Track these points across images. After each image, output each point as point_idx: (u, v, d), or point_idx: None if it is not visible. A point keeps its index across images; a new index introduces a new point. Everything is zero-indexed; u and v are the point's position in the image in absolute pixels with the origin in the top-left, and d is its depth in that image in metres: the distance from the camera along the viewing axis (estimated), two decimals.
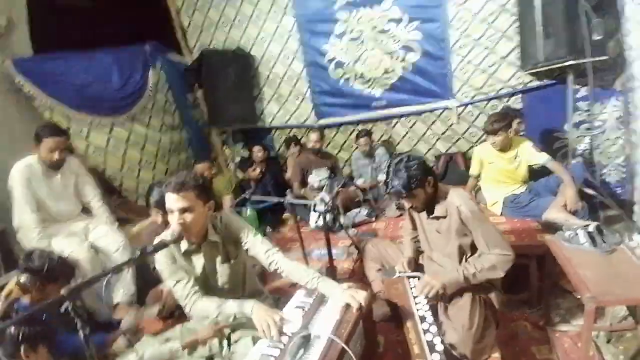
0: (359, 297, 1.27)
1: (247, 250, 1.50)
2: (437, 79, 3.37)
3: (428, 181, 1.54)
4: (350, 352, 1.08)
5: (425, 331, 1.28)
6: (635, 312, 1.63)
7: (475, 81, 3.28)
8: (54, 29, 3.06)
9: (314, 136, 3.35)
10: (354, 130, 3.90)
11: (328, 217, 2.45)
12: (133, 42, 3.55)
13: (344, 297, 1.28)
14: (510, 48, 3.10)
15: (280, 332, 1.20)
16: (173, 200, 1.34)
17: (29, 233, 1.98)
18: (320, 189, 3.24)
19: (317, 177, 3.34)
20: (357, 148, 3.66)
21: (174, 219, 1.35)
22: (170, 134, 3.88)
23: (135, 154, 3.40)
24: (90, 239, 2.14)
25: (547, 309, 1.98)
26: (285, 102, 4.04)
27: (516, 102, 3.27)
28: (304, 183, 3.42)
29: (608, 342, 1.82)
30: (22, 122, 2.79)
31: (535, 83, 3.16)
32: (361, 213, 2.94)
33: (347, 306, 1.26)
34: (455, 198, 1.54)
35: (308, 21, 3.65)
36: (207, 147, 4.39)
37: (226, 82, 3.81)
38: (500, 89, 3.25)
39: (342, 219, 2.83)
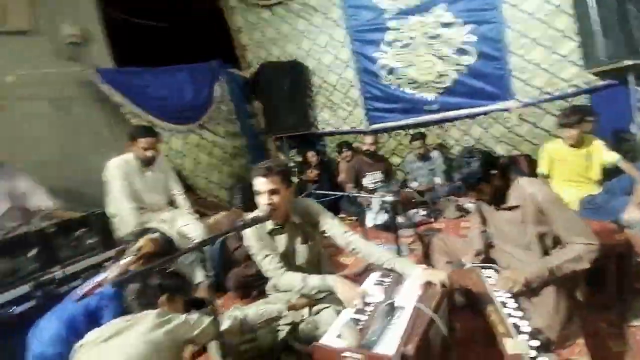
0: (441, 275, 1.32)
1: (325, 231, 1.61)
2: (494, 81, 3.35)
3: (494, 175, 1.55)
4: (439, 321, 1.13)
5: (509, 315, 1.29)
6: None
7: (537, 81, 3.21)
8: (129, 44, 3.51)
9: (368, 139, 3.45)
10: (405, 134, 3.95)
11: (387, 216, 2.52)
12: (200, 58, 3.95)
13: (424, 275, 1.33)
14: (571, 47, 3.02)
15: (364, 304, 1.28)
16: (262, 183, 1.49)
17: (126, 220, 2.26)
18: (374, 191, 3.31)
19: (371, 179, 3.41)
20: (410, 152, 3.70)
21: (263, 200, 1.50)
22: (232, 140, 4.20)
23: (205, 158, 3.75)
24: (177, 226, 2.39)
25: (624, 306, 1.86)
26: (338, 109, 4.21)
27: (582, 103, 3.14)
28: (357, 185, 3.51)
29: None
30: (108, 126, 3.23)
31: (600, 82, 3.03)
32: (419, 213, 2.95)
33: (428, 284, 1.31)
34: (529, 186, 1.54)
35: (358, 31, 3.83)
36: (263, 153, 4.66)
37: (281, 91, 4.08)
38: (563, 90, 3.14)
39: (399, 219, 2.86)
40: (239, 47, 4.50)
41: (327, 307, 1.46)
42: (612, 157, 2.35)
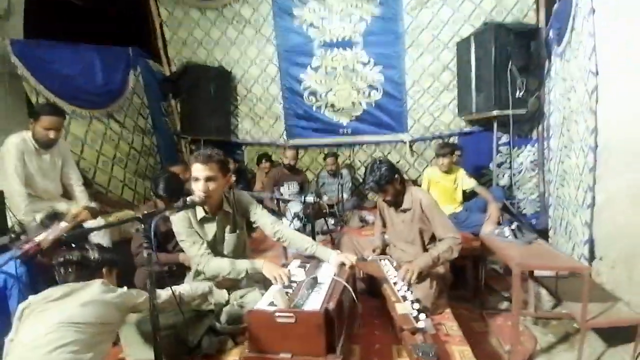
0: (351, 258, 1.62)
1: (254, 221, 1.76)
2: (394, 116, 4.05)
3: (396, 179, 1.98)
4: (349, 288, 1.41)
5: (399, 290, 1.65)
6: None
7: (424, 121, 4.02)
8: (45, 19, 3.13)
9: (290, 153, 3.72)
10: (320, 152, 4.36)
11: (300, 223, 2.81)
12: (116, 43, 3.70)
13: (339, 257, 1.61)
14: (450, 99, 3.91)
15: (290, 281, 1.48)
16: (200, 170, 1.58)
17: (16, 204, 1.97)
18: (288, 200, 3.55)
19: (288, 189, 3.66)
20: (323, 168, 4.10)
21: (199, 187, 1.58)
22: (142, 136, 3.94)
23: (110, 150, 3.42)
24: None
25: (479, 296, 2.50)
26: (260, 121, 4.40)
27: (454, 141, 4.05)
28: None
29: (535, 324, 2.36)
30: (6, 102, 2.76)
31: (468, 128, 3.97)
32: (329, 222, 3.29)
33: (342, 265, 1.59)
34: (418, 192, 2.03)
35: (288, 52, 4.16)
36: (175, 154, 4.47)
37: (205, 95, 4.06)
38: (442, 131, 4.00)
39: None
40: (160, 40, 4.33)
41: (252, 290, 1.61)
42: (471, 182, 3.14)
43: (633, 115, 2.05)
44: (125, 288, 1.28)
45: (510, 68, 3.32)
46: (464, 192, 3.31)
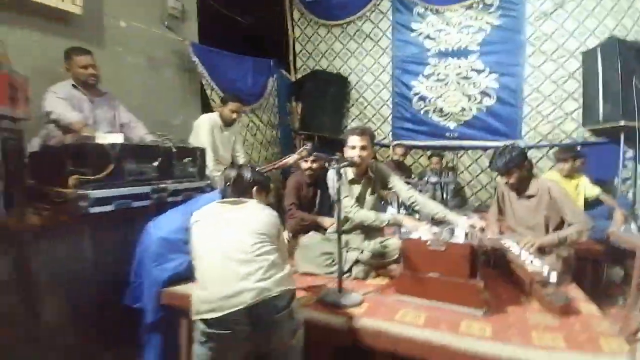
0: (481, 222, 1.86)
1: (392, 187, 2.13)
2: (507, 122, 4.08)
3: (525, 164, 2.15)
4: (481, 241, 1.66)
5: (524, 259, 1.82)
6: None
7: (542, 129, 3.95)
8: (210, 27, 4.10)
9: (399, 149, 4.06)
10: (423, 154, 4.59)
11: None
12: (258, 54, 4.56)
13: (469, 221, 1.87)
14: (574, 107, 3.79)
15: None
16: (357, 140, 2.02)
17: (207, 163, 2.71)
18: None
19: None
20: (425, 168, 4.32)
21: (354, 153, 2.02)
22: (271, 130, 4.73)
23: (250, 137, 4.23)
24: None
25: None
26: (368, 122, 4.83)
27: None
28: None
29: None
30: (183, 92, 3.74)
31: (593, 139, 3.77)
32: None
33: (472, 226, 1.84)
34: (546, 181, 2.16)
35: (402, 61, 4.55)
36: (291, 147, 5.17)
37: (323, 98, 4.69)
38: (562, 139, 3.88)
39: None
40: (292, 53, 5.15)
41: (391, 238, 1.96)
42: (595, 190, 3.04)
43: None
44: None
45: (635, 82, 3.15)
46: (585, 200, 3.18)
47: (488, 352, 1.22)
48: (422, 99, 4.49)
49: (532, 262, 1.75)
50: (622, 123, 3.23)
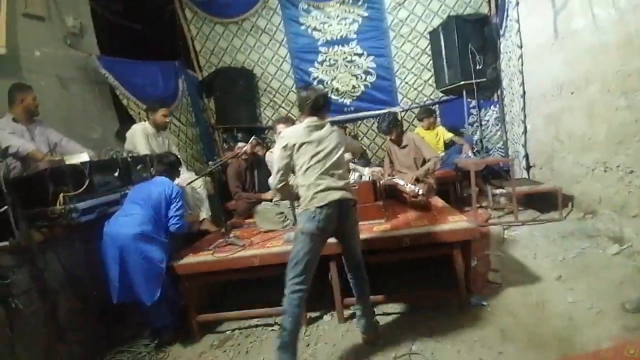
0: (379, 169, 2.81)
1: None
2: (387, 93, 5.25)
3: (399, 124, 3.18)
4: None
5: (407, 186, 2.85)
6: None
7: (411, 95, 5.22)
8: (107, 38, 4.23)
9: None
10: None
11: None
12: (159, 58, 4.78)
13: (371, 169, 2.80)
14: (429, 75, 5.12)
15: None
16: (284, 127, 2.74)
17: None
18: None
19: None
20: None
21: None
22: (191, 129, 5.07)
23: (174, 139, 4.53)
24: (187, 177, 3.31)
25: (458, 205, 3.73)
26: (279, 108, 5.54)
27: (435, 109, 5.24)
28: None
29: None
30: (97, 106, 3.89)
31: (445, 98, 5.19)
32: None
33: (373, 173, 2.78)
34: (410, 134, 3.25)
35: (298, 51, 5.32)
36: (211, 142, 5.59)
37: (233, 92, 5.20)
38: (425, 100, 5.21)
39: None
40: (193, 52, 5.44)
41: None
42: (448, 134, 4.38)
43: (541, 73, 3.29)
44: None
45: (470, 48, 4.53)
46: (444, 143, 4.53)
47: (390, 235, 2.16)
48: (321, 82, 5.36)
49: (409, 187, 2.78)
50: (462, 82, 4.61)
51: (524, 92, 3.39)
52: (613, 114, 2.76)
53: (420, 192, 2.61)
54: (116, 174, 2.54)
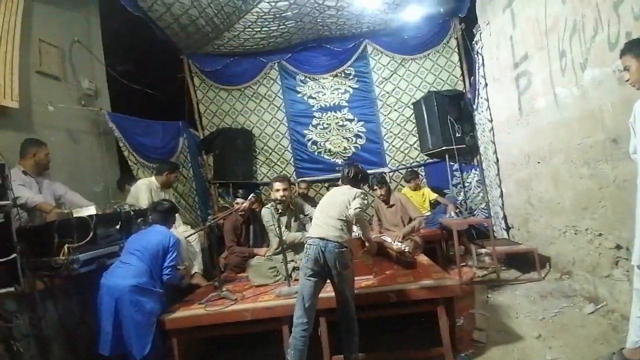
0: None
1: (308, 213, 3.13)
2: (375, 155, 5.67)
3: (386, 184, 3.46)
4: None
5: (394, 243, 3.03)
6: None
7: (398, 157, 5.64)
8: (124, 102, 4.63)
9: (303, 185, 5.17)
10: (321, 187, 5.82)
11: None
12: (167, 118, 5.19)
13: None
14: (414, 140, 5.59)
15: None
16: (280, 185, 2.99)
17: None
18: None
19: None
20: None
21: (279, 194, 2.97)
22: (188, 183, 5.30)
23: (173, 192, 4.73)
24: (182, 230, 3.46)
25: (446, 265, 3.87)
26: (274, 166, 5.87)
27: (421, 171, 5.61)
28: None
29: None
30: (102, 160, 4.14)
31: (430, 160, 5.60)
32: None
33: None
34: (397, 194, 3.51)
35: (294, 115, 5.82)
36: (207, 196, 5.79)
37: (232, 150, 5.55)
38: (411, 163, 5.61)
39: None
40: (197, 113, 5.89)
41: None
42: (433, 195, 4.67)
43: (510, 144, 3.69)
44: None
45: (449, 119, 5.06)
46: (430, 203, 4.81)
47: (376, 291, 2.28)
48: (314, 143, 5.79)
49: (396, 244, 2.95)
50: (444, 147, 5.04)
51: (497, 160, 3.78)
52: (577, 181, 3.08)
53: (407, 249, 2.79)
54: (118, 226, 2.68)
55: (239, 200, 3.44)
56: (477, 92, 4.48)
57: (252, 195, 3.08)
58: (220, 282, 2.71)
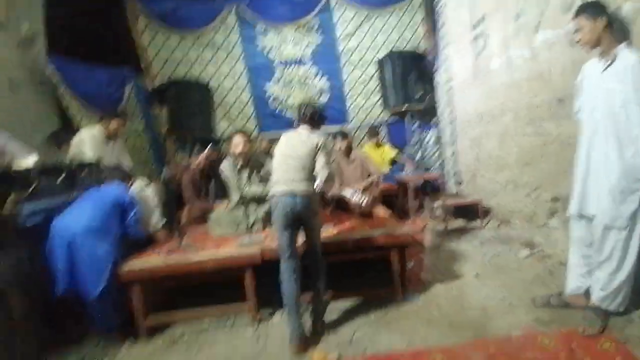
0: None
1: (269, 168, 3.15)
2: (339, 112, 5.69)
3: (349, 142, 3.54)
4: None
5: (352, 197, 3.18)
6: None
7: (360, 115, 5.72)
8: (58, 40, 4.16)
9: (265, 143, 5.11)
10: None
11: None
12: (109, 62, 4.76)
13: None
14: (377, 98, 5.67)
15: None
16: (239, 138, 2.95)
17: None
18: None
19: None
20: None
21: (238, 149, 2.94)
22: (141, 136, 5.03)
23: (124, 145, 4.47)
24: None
25: (401, 214, 4.16)
26: (234, 121, 5.70)
27: (382, 129, 5.76)
28: None
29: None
30: (40, 110, 3.79)
31: (392, 119, 5.75)
32: None
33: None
34: (357, 152, 3.63)
35: (254, 68, 5.59)
36: (160, 151, 5.54)
37: (188, 103, 5.27)
38: (374, 121, 5.72)
39: None
40: (144, 61, 5.43)
41: None
42: (392, 153, 4.87)
43: (465, 103, 3.90)
44: None
45: (410, 78, 5.15)
46: (390, 160, 5.03)
47: (336, 240, 2.44)
48: (276, 99, 5.66)
49: (354, 197, 3.11)
50: (405, 107, 5.18)
51: (453, 119, 3.99)
52: (522, 139, 3.38)
53: (364, 202, 2.95)
54: (61, 178, 2.53)
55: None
56: (437, 52, 4.57)
57: (209, 145, 3.00)
58: (180, 234, 2.73)
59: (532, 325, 2.06)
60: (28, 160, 2.27)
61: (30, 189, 2.19)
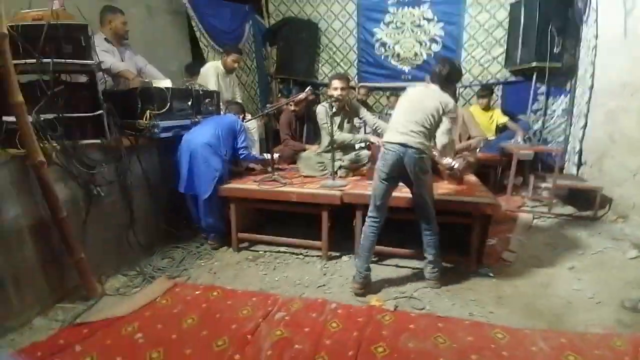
0: None
1: (362, 117, 3.17)
2: None
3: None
4: None
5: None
6: None
7: (475, 71, 5.11)
8: None
9: (363, 90, 5.07)
10: (382, 95, 5.63)
11: None
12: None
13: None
14: (500, 52, 4.95)
15: None
16: (338, 83, 2.99)
17: None
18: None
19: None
20: (386, 105, 5.40)
21: (336, 93, 2.99)
22: (251, 74, 5.46)
23: (235, 80, 4.96)
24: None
25: (498, 190, 3.82)
26: (337, 66, 5.70)
27: (498, 90, 5.10)
28: None
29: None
30: (176, 39, 4.37)
31: (511, 79, 5.01)
32: None
33: None
34: (461, 110, 3.33)
35: (366, 9, 5.35)
36: (267, 90, 5.96)
37: (296, 43, 5.42)
38: (489, 80, 5.08)
39: None
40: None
41: (361, 151, 3.07)
42: (503, 119, 4.33)
43: (610, 68, 3.14)
44: None
45: (551, 28, 4.28)
46: (497, 126, 4.50)
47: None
48: (383, 45, 5.41)
49: (445, 160, 2.95)
50: (534, 64, 4.42)
51: (592, 85, 3.26)
52: None
53: (456, 165, 2.79)
54: (189, 102, 2.99)
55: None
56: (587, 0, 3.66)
57: (308, 88, 3.13)
58: (273, 168, 3.05)
59: (612, 327, 1.88)
60: (165, 82, 2.74)
61: (166, 106, 2.66)
